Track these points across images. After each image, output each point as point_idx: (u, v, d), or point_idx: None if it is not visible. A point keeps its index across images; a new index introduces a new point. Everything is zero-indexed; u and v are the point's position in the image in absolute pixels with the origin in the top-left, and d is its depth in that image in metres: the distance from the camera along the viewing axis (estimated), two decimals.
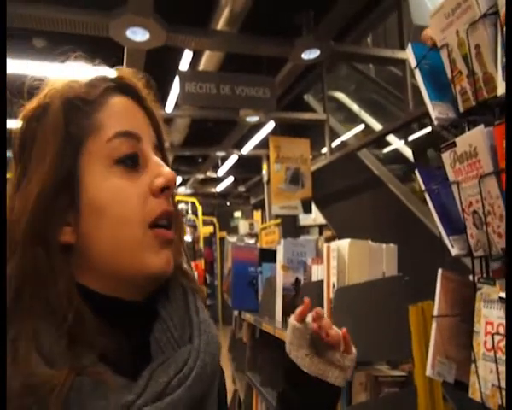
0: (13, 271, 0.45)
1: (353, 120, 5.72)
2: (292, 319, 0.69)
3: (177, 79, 3.75)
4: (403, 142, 5.06)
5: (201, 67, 4.01)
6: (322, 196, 5.32)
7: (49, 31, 3.37)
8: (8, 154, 0.52)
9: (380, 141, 4.94)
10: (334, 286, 1.30)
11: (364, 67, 5.53)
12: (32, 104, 0.52)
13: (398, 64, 4.39)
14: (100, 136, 0.50)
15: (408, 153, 4.90)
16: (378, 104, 5.63)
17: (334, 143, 5.43)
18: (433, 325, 1.04)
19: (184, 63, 3.84)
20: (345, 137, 5.58)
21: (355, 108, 5.87)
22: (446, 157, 0.94)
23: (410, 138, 4.89)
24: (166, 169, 0.52)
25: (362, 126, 5.58)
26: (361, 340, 1.27)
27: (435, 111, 0.98)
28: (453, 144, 0.91)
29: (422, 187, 1.06)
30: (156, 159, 0.52)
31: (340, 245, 1.30)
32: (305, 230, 6.85)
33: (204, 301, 0.58)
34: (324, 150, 5.21)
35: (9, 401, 0.40)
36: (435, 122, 0.99)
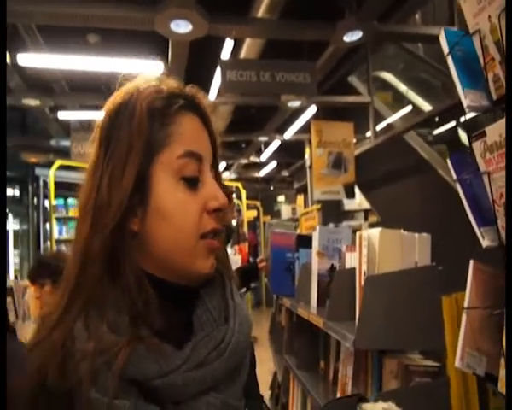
0: (96, 252, 0.53)
1: (400, 101, 5.52)
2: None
3: (218, 68, 3.79)
4: (454, 123, 4.83)
5: (243, 55, 4.02)
6: (367, 180, 5.22)
7: (102, 28, 3.53)
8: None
9: (430, 122, 4.74)
10: (364, 274, 1.30)
11: (413, 46, 5.30)
12: (116, 99, 0.59)
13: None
14: (171, 150, 0.57)
15: (460, 134, 4.68)
16: (427, 84, 5.40)
17: (380, 126, 5.29)
18: (463, 317, 1.02)
19: (226, 52, 3.88)
20: (390, 119, 5.41)
21: (402, 88, 5.66)
22: (477, 147, 0.92)
23: (463, 119, 4.65)
24: (221, 194, 0.59)
25: (409, 108, 5.38)
26: (392, 328, 1.28)
27: (467, 99, 0.95)
28: (483, 134, 0.88)
29: (454, 177, 1.04)
30: (213, 181, 0.59)
31: (370, 234, 1.30)
32: (350, 215, 6.76)
33: (236, 287, 0.65)
34: (369, 134, 5.09)
35: (83, 360, 0.48)
36: (467, 110, 0.96)
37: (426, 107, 5.17)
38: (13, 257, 8.28)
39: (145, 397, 0.50)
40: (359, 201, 6.04)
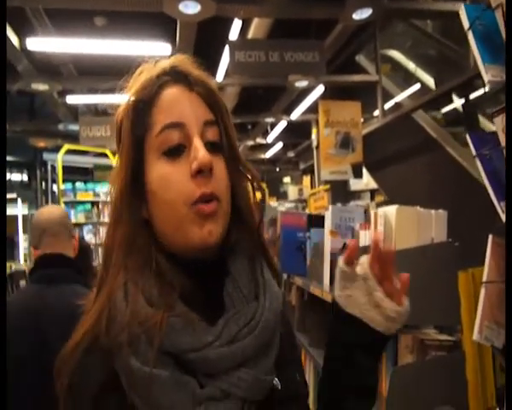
0: (118, 238, 0.58)
1: (409, 79, 5.45)
2: (339, 262, 0.64)
3: (226, 49, 3.76)
4: (463, 100, 4.77)
5: (250, 35, 3.99)
6: (374, 160, 5.20)
7: (109, 10, 3.50)
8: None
9: (439, 101, 4.68)
10: None
11: (421, 23, 5.21)
12: (123, 105, 0.62)
13: (458, 18, 4.09)
14: (152, 131, 0.58)
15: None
16: (436, 61, 5.33)
17: (388, 105, 5.24)
18: (482, 291, 1.04)
19: (234, 32, 3.85)
20: (399, 98, 5.35)
21: (411, 66, 5.58)
22: (498, 122, 0.92)
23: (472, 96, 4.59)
24: (200, 153, 0.55)
25: (418, 86, 5.32)
26: (409, 303, 1.30)
27: (488, 74, 0.95)
28: (504, 109, 0.88)
29: (473, 153, 1.04)
30: (196, 143, 0.56)
31: (387, 211, 1.31)
32: (356, 195, 6.75)
33: (272, 262, 0.65)
34: (376, 113, 5.06)
35: (122, 329, 0.52)
36: (487, 85, 0.96)
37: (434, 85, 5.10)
38: (22, 242, 8.38)
39: (179, 368, 0.52)
40: (366, 181, 6.02)
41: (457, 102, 4.80)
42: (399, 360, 1.35)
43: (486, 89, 0.99)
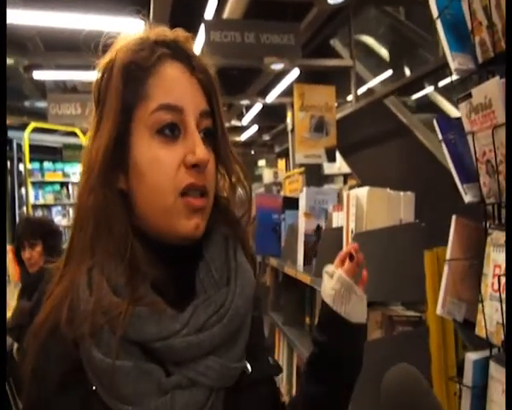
0: (89, 208, 0.55)
1: (381, 65, 5.53)
2: (329, 268, 0.75)
3: (202, 28, 3.71)
4: (432, 88, 4.89)
5: (226, 14, 3.94)
6: (347, 144, 5.28)
7: None
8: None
9: (409, 87, 4.78)
10: (352, 232, 1.37)
11: (394, 10, 5.27)
12: (104, 59, 0.58)
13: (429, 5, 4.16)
14: (147, 105, 0.55)
15: (439, 100, 4.75)
16: (408, 48, 5.42)
17: (361, 91, 5.31)
18: (445, 268, 1.10)
19: (209, 11, 3.78)
20: (372, 83, 5.43)
21: (383, 52, 5.66)
22: (463, 108, 0.97)
23: (441, 84, 4.71)
24: (200, 150, 0.55)
25: (390, 72, 5.41)
26: (377, 281, 1.36)
27: (455, 62, 1.00)
28: (469, 95, 0.93)
29: (440, 137, 1.09)
30: (194, 134, 0.56)
31: (359, 193, 1.36)
32: (330, 178, 6.85)
33: (248, 249, 0.65)
34: (350, 98, 5.12)
35: (85, 319, 0.50)
36: (454, 73, 1.01)
37: (407, 72, 5.20)
38: None
39: (146, 357, 0.52)
40: (339, 165, 6.11)
41: (428, 89, 4.92)
42: (369, 336, 1.42)
43: (454, 77, 1.04)
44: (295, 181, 3.36)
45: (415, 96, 5.18)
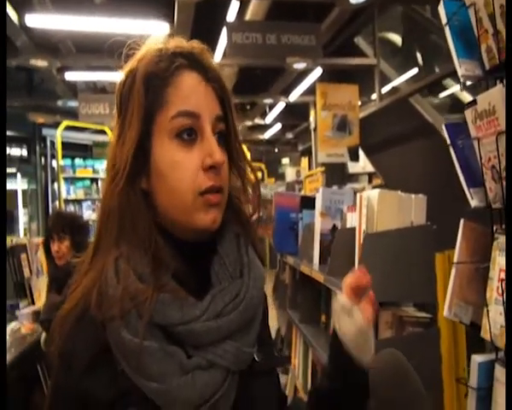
0: (115, 206, 0.60)
1: (408, 63, 5.45)
2: (345, 302, 0.67)
3: (224, 30, 3.76)
4: (459, 87, 4.77)
5: (248, 16, 3.98)
6: (371, 143, 5.23)
7: None
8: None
9: (435, 86, 4.69)
10: (364, 233, 1.39)
11: (421, 7, 5.18)
12: (126, 69, 0.63)
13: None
14: (167, 111, 0.60)
15: (466, 99, 4.63)
16: (436, 46, 5.31)
17: (385, 89, 5.25)
18: (453, 271, 1.12)
19: (231, 14, 3.84)
20: (396, 82, 5.36)
21: (408, 49, 5.56)
22: (468, 114, 0.98)
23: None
24: (217, 152, 0.60)
25: (415, 70, 5.32)
26: (388, 282, 1.38)
27: (462, 68, 1.01)
28: (474, 102, 0.95)
29: (448, 141, 1.11)
30: (211, 138, 0.60)
31: (370, 195, 1.38)
32: (354, 177, 6.80)
33: (256, 245, 0.69)
34: (374, 96, 5.07)
35: (114, 303, 0.55)
36: (461, 79, 1.02)
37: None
38: (22, 216, 8.44)
39: (168, 340, 0.56)
40: (363, 164, 6.07)
41: (454, 88, 4.82)
42: (379, 336, 1.44)
43: (461, 81, 1.05)
44: (316, 180, 3.38)
45: (442, 95, 5.08)
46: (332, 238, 1.82)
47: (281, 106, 7.31)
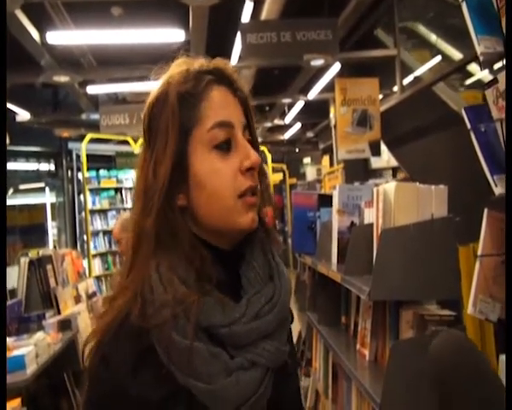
0: (150, 226, 0.62)
1: (430, 52, 5.27)
2: None
3: (239, 32, 3.74)
4: (487, 71, 4.57)
5: (263, 16, 3.93)
6: (394, 137, 5.09)
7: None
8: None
9: (460, 73, 4.50)
10: (381, 228, 1.32)
11: None
12: (154, 92, 0.66)
13: None
14: (203, 125, 0.63)
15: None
16: (459, 31, 5.12)
17: (407, 80, 5.10)
18: (477, 265, 1.04)
19: (246, 15, 3.81)
20: (419, 72, 5.20)
21: (432, 38, 5.39)
22: (489, 95, 0.91)
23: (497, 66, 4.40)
24: (252, 153, 0.64)
25: (438, 58, 5.14)
26: (408, 279, 1.30)
27: (481, 46, 0.94)
28: (495, 81, 0.87)
29: (468, 126, 1.03)
30: (245, 143, 0.65)
31: (386, 188, 1.30)
32: (378, 173, 6.65)
33: (279, 248, 0.73)
34: (395, 88, 4.94)
35: (164, 307, 0.58)
36: (480, 58, 0.94)
37: (458, 56, 4.91)
38: (51, 228, 8.67)
39: (211, 342, 0.59)
40: (387, 158, 5.92)
41: (480, 74, 4.62)
42: (400, 336, 1.36)
43: (480, 60, 0.97)
44: (335, 177, 3.30)
45: (468, 82, 4.88)
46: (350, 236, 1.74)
47: (300, 105, 7.24)
